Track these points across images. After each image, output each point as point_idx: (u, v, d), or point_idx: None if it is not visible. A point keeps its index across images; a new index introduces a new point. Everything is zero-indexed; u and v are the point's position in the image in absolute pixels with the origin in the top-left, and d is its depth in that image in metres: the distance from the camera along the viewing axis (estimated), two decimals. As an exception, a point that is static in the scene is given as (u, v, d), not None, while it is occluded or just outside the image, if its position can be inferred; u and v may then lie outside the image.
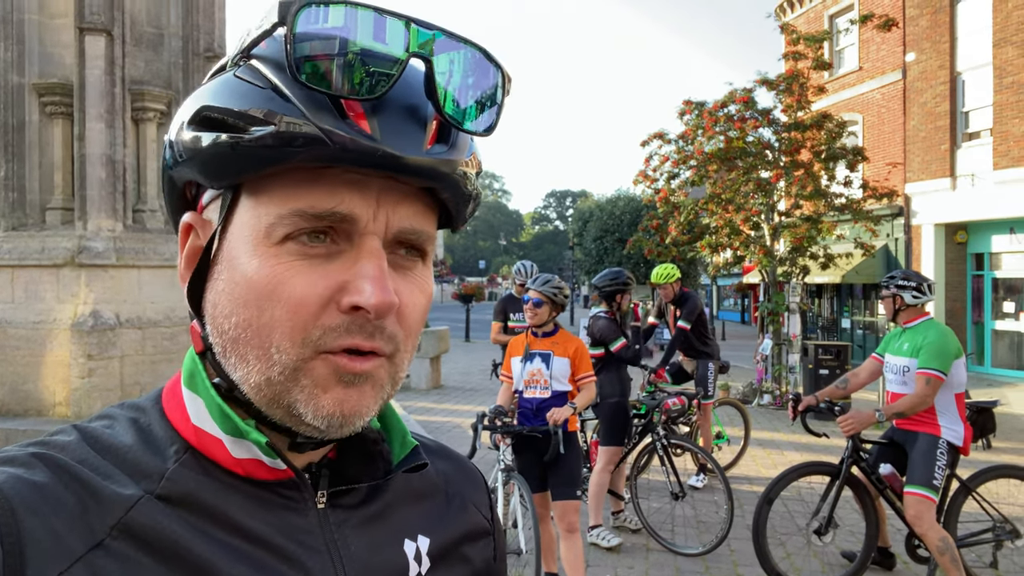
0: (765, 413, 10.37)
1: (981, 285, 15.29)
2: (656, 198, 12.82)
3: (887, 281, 4.24)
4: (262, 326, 0.51)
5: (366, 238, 0.52)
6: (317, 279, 0.51)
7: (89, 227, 5.35)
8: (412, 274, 0.56)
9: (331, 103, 0.49)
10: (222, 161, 0.51)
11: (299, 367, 0.51)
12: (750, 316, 31.97)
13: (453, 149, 0.54)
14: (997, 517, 4.24)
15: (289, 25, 0.48)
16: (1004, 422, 8.86)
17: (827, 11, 18.71)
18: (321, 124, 0.48)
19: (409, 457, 0.62)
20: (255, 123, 0.49)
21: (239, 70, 0.53)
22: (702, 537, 5.13)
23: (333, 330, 0.51)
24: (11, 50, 5.47)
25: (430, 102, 0.52)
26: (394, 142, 0.50)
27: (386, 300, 0.50)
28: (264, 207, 0.52)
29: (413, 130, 0.51)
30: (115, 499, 0.50)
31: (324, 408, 0.52)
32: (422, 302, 0.56)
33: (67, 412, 5.23)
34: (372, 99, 0.50)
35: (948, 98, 15.11)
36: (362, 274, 0.51)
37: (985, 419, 4.28)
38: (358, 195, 0.51)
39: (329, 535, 0.57)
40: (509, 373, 4.20)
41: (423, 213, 0.55)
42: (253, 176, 0.52)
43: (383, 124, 0.50)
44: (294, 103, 0.49)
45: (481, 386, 12.25)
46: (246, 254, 0.52)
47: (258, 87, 0.51)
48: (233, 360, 0.53)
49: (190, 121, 0.53)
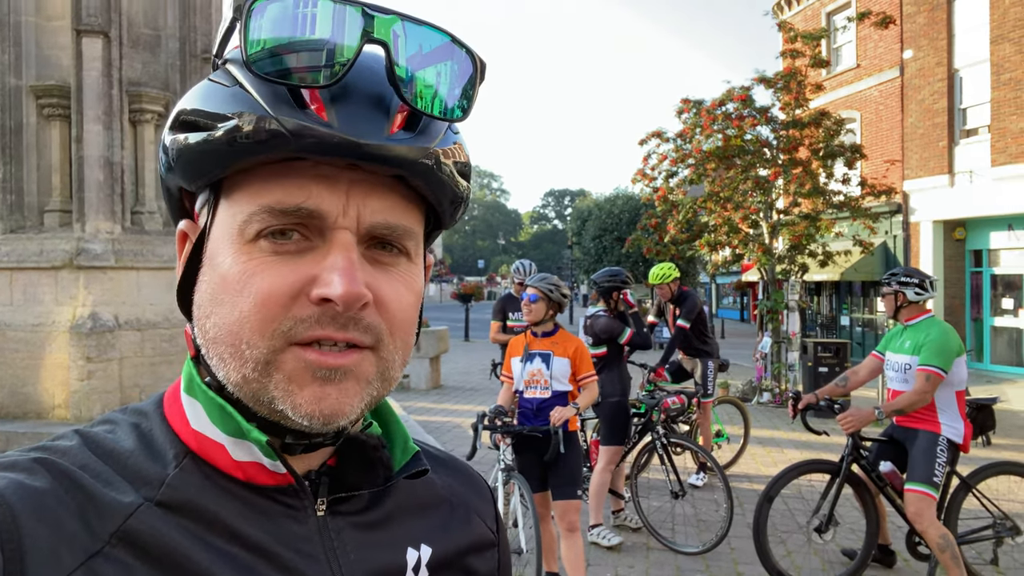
0: (765, 411, 10.38)
1: (980, 282, 15.30)
2: (654, 197, 12.83)
3: (888, 278, 4.23)
4: (233, 322, 0.51)
5: (337, 232, 0.52)
6: (287, 273, 0.51)
7: (87, 229, 5.35)
8: (394, 270, 0.55)
9: (291, 95, 0.50)
10: (193, 161, 0.53)
11: (270, 360, 0.51)
12: (749, 314, 31.98)
13: (421, 136, 0.53)
14: (997, 514, 4.24)
15: (243, 20, 0.49)
16: (1003, 419, 8.88)
17: (824, 8, 18.72)
18: (279, 116, 0.49)
19: (410, 463, 0.61)
20: (221, 120, 0.51)
21: (214, 73, 0.54)
22: (702, 536, 5.13)
23: (303, 321, 0.51)
24: (8, 52, 5.46)
25: (392, 88, 0.52)
26: (353, 128, 0.50)
27: (353, 291, 0.50)
28: (237, 205, 0.53)
29: (375, 117, 0.51)
30: (115, 506, 0.49)
31: (302, 407, 0.51)
32: (408, 297, 0.56)
33: (66, 415, 5.23)
34: (329, 86, 0.50)
35: (946, 95, 15.12)
36: (330, 266, 0.51)
37: (985, 416, 4.29)
38: (327, 189, 0.51)
39: (328, 543, 0.57)
40: (509, 373, 4.20)
41: (399, 207, 0.55)
42: (223, 174, 0.52)
43: (343, 112, 0.50)
44: (255, 98, 0.50)
45: (481, 386, 12.24)
46: (223, 253, 0.53)
47: (225, 87, 0.52)
48: (215, 360, 0.53)
49: (170, 126, 0.54)
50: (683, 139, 12.37)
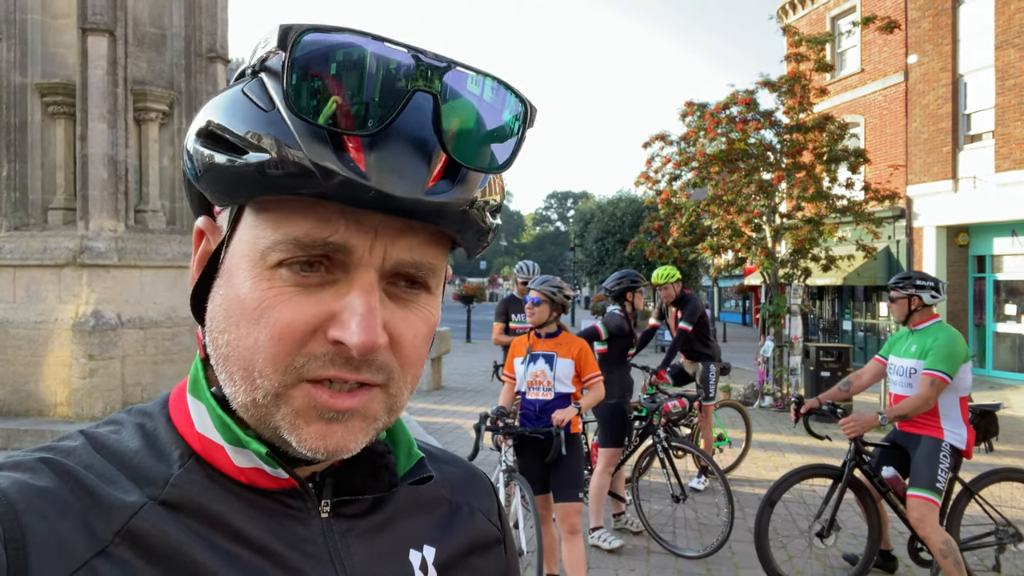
0: (766, 415, 10.36)
1: (983, 287, 15.28)
2: (658, 200, 12.81)
3: (902, 282, 4.16)
4: (247, 348, 0.50)
5: (361, 270, 0.50)
6: (306, 307, 0.50)
7: (91, 227, 5.36)
8: (414, 305, 0.54)
9: (329, 135, 0.47)
10: (219, 182, 0.50)
11: (280, 393, 0.50)
12: (751, 318, 31.96)
13: (460, 186, 0.50)
14: (1000, 520, 4.23)
15: (288, 52, 0.46)
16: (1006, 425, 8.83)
17: (829, 13, 18.71)
18: (314, 158, 0.46)
19: (415, 469, 0.61)
20: (252, 148, 0.48)
21: (248, 84, 0.51)
22: (703, 539, 5.12)
23: (317, 359, 0.50)
24: (14, 50, 5.48)
25: (436, 137, 0.49)
26: (389, 181, 0.47)
27: (369, 340, 0.49)
28: (262, 229, 0.51)
29: (414, 167, 0.48)
30: (119, 505, 0.49)
31: (307, 442, 0.51)
32: (423, 331, 0.54)
33: (68, 412, 5.23)
34: (370, 134, 0.47)
35: (950, 100, 15.10)
36: (350, 309, 0.49)
37: (988, 422, 4.27)
38: (355, 226, 0.49)
39: (332, 544, 0.56)
40: (511, 374, 4.19)
41: (428, 244, 0.53)
42: (248, 200, 0.51)
43: (381, 160, 0.47)
44: (291, 131, 0.47)
45: (482, 387, 12.24)
46: (242, 274, 0.51)
47: (261, 109, 0.49)
48: (224, 376, 0.53)
49: (198, 133, 0.52)
50: (687, 142, 12.36)
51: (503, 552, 0.71)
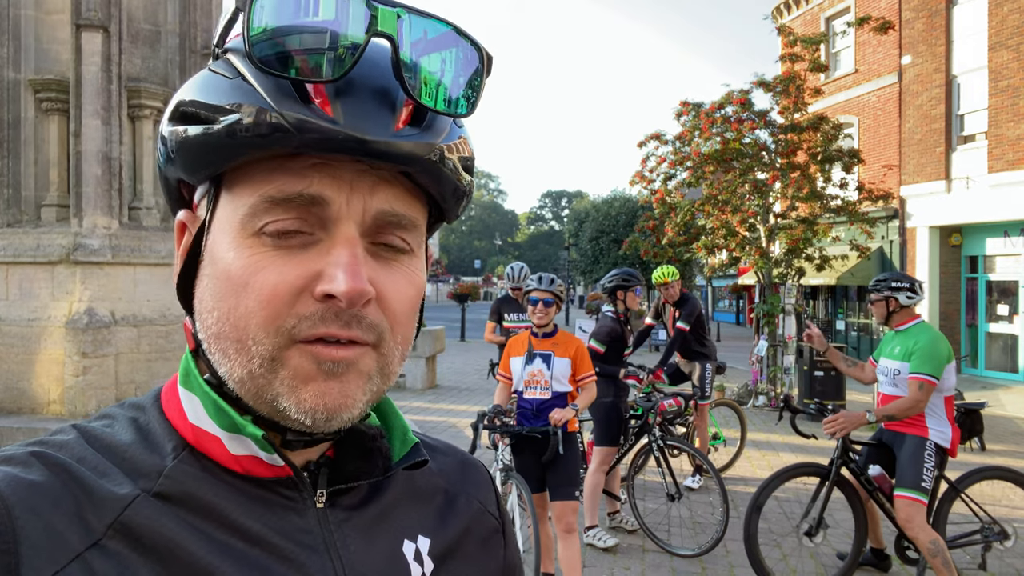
0: (760, 414, 10.39)
1: (975, 287, 15.35)
2: (652, 199, 12.84)
3: (879, 285, 4.20)
4: (239, 318, 0.51)
5: (341, 225, 0.51)
6: (291, 268, 0.50)
7: (84, 224, 5.33)
8: (397, 264, 0.55)
9: (294, 89, 0.49)
10: (193, 154, 0.52)
11: (276, 357, 0.51)
12: (745, 317, 32.04)
13: (428, 132, 0.52)
14: (986, 519, 4.25)
15: (247, 11, 0.48)
16: (997, 424, 8.93)
17: (824, 13, 18.77)
18: (283, 110, 0.48)
19: (410, 454, 0.61)
20: (222, 113, 0.49)
21: (215, 63, 0.53)
22: (698, 538, 5.14)
23: (307, 318, 0.50)
24: (7, 46, 5.44)
25: (398, 83, 0.51)
26: (359, 125, 0.49)
27: (357, 288, 0.49)
28: (239, 198, 0.52)
29: (381, 112, 0.50)
30: (112, 498, 0.49)
31: (306, 402, 0.51)
32: (410, 292, 0.55)
33: (61, 410, 5.21)
34: (334, 81, 0.49)
35: (943, 101, 15.17)
36: (334, 262, 0.50)
37: (973, 421, 4.29)
38: (329, 179, 0.50)
39: (328, 535, 0.56)
40: (506, 373, 4.20)
41: (404, 199, 0.54)
42: (224, 167, 0.52)
43: (348, 107, 0.49)
44: (258, 91, 0.49)
45: (477, 386, 12.24)
46: (224, 246, 0.52)
47: (227, 78, 0.51)
48: (217, 356, 0.53)
49: (169, 117, 0.53)
50: (682, 142, 12.39)
51: (502, 542, 0.71)
